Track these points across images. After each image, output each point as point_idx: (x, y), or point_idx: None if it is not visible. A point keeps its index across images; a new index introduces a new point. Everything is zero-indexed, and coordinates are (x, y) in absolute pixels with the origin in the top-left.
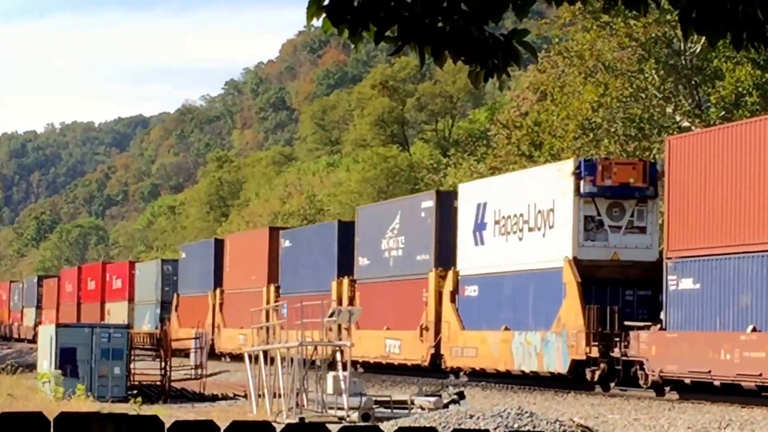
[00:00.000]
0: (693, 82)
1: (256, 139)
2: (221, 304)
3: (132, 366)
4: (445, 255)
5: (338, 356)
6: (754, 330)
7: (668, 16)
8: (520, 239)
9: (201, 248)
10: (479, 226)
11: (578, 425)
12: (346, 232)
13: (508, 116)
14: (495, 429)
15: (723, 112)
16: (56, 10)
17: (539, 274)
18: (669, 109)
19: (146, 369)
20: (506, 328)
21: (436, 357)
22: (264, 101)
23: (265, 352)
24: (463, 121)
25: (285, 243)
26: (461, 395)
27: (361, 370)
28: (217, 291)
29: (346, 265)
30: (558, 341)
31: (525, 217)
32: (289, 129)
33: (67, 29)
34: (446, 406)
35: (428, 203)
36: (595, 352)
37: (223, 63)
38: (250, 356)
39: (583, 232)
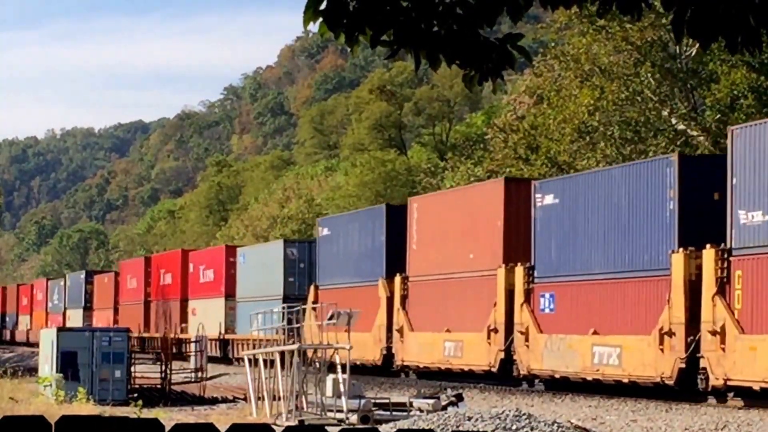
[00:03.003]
0: (689, 86)
1: (254, 144)
2: (404, 298)
3: (132, 369)
4: None
5: (337, 359)
6: None
7: (663, 20)
8: None
9: (361, 220)
10: None
11: (576, 427)
12: (697, 170)
13: (505, 120)
14: (493, 431)
15: (719, 115)
16: (54, 17)
17: None
18: (665, 112)
19: (147, 372)
20: None
21: None
22: (262, 106)
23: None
24: (461, 124)
25: (544, 199)
26: (459, 397)
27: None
28: (397, 278)
29: (697, 228)
30: None
31: None
32: (287, 134)
33: (65, 35)
34: (444, 408)
35: None
36: None
37: (222, 68)
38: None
39: None
